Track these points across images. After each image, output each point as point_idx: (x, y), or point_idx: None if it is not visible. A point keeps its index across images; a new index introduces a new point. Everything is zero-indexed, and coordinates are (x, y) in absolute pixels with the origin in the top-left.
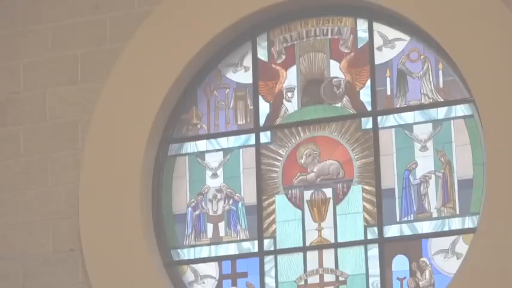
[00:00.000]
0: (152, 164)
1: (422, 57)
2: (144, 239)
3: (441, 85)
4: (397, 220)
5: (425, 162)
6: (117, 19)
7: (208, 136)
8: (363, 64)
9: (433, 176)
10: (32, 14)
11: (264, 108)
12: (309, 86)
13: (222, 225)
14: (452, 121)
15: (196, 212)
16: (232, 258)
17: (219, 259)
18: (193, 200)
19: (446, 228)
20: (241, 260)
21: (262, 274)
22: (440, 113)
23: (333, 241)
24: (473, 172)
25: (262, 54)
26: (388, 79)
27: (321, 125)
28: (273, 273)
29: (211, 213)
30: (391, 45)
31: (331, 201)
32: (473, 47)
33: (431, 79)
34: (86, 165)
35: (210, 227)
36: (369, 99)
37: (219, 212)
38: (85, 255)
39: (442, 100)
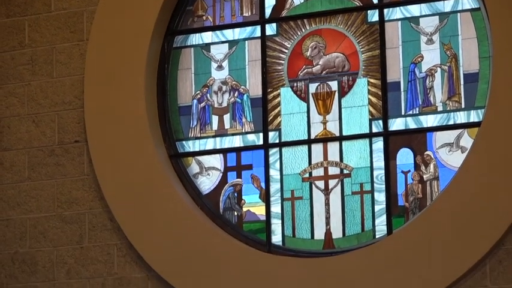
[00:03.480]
0: (157, 56)
1: None
2: (149, 131)
3: None
4: (402, 113)
5: (431, 56)
6: None
7: (214, 28)
8: None
9: (438, 69)
10: None
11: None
12: None
13: (227, 118)
14: (459, 14)
15: (202, 104)
16: (237, 150)
17: (224, 151)
18: (198, 92)
19: (451, 122)
20: (246, 152)
21: (267, 166)
22: (447, 5)
23: (337, 134)
24: (479, 65)
25: None
26: None
27: (326, 18)
28: (277, 165)
29: (216, 105)
30: None
31: (336, 94)
32: None
33: None
34: (91, 57)
35: (215, 119)
36: None
37: (224, 104)
38: (90, 147)
39: None
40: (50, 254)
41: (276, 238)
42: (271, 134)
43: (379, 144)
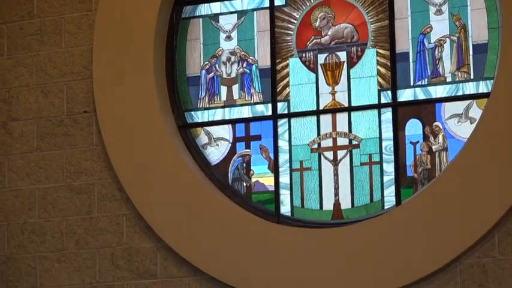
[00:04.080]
0: (166, 26)
1: None
2: (157, 102)
3: None
4: (411, 84)
5: (440, 26)
6: None
7: None
8: None
9: (447, 40)
10: None
11: None
12: None
13: (235, 88)
14: None
15: (210, 75)
16: (246, 121)
17: (232, 122)
18: (207, 62)
19: (460, 93)
20: (254, 123)
21: (275, 137)
22: None
23: (346, 105)
24: (488, 36)
25: None
26: None
27: None
28: (286, 136)
29: (225, 75)
30: None
31: (345, 64)
32: None
33: None
34: (100, 27)
35: (223, 89)
36: None
37: (233, 75)
38: (99, 118)
39: None
40: (59, 224)
41: (285, 209)
42: (279, 105)
43: (387, 115)
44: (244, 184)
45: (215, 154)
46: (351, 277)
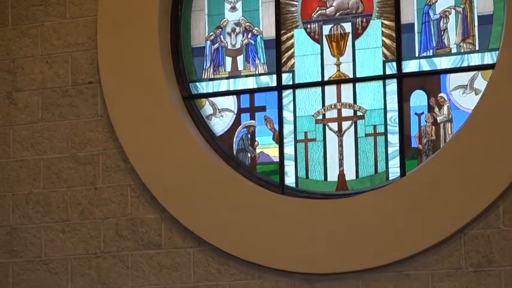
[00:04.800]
0: None
1: None
2: (162, 72)
3: None
4: (416, 55)
5: None
6: None
7: None
8: None
9: (453, 11)
10: None
11: None
12: None
13: (240, 59)
14: None
15: (215, 46)
16: (251, 92)
17: (237, 93)
18: (211, 33)
19: (465, 64)
20: (259, 94)
21: (280, 108)
22: None
23: (351, 76)
24: (493, 7)
25: None
26: None
27: None
28: (291, 107)
29: (229, 46)
30: None
31: (350, 35)
32: None
33: None
34: None
35: (228, 60)
36: None
37: (238, 46)
38: (104, 88)
39: None
40: (64, 195)
41: (289, 180)
42: (284, 76)
43: (392, 86)
44: (249, 155)
45: (220, 125)
46: (355, 248)
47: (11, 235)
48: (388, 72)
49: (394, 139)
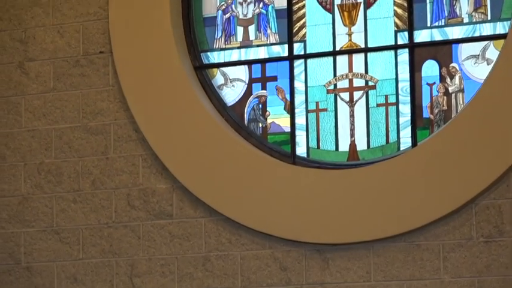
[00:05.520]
0: None
1: None
2: (174, 42)
3: None
4: (428, 25)
5: None
6: None
7: None
8: None
9: None
10: None
11: None
12: None
13: (252, 29)
14: None
15: (227, 15)
16: (262, 61)
17: (248, 63)
18: (223, 2)
19: (477, 34)
20: (271, 64)
21: (291, 78)
22: None
23: (363, 46)
24: None
25: None
26: None
27: None
28: (302, 77)
29: (241, 16)
30: None
31: (361, 5)
32: None
33: None
34: None
35: (240, 30)
36: None
37: (249, 15)
38: (115, 58)
39: None
40: (75, 165)
41: (301, 150)
42: (296, 46)
43: (404, 56)
44: (260, 125)
45: (231, 95)
46: (366, 218)
47: (23, 205)
48: (399, 42)
49: (405, 109)
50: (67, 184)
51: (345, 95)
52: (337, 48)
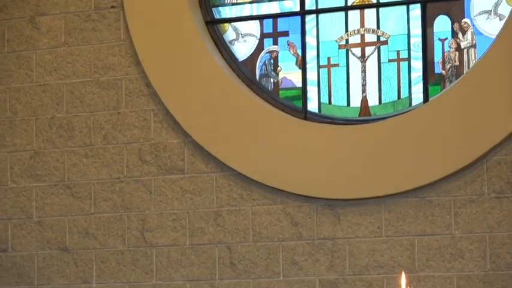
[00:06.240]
0: None
1: None
2: None
3: None
4: None
5: None
6: None
7: None
8: None
9: None
10: None
11: None
12: None
13: None
14: None
15: None
16: (274, 16)
17: (260, 17)
18: None
19: None
20: (282, 19)
21: (303, 33)
22: None
23: (375, 1)
24: None
25: None
26: None
27: None
28: (314, 32)
29: None
30: None
31: None
32: None
33: None
34: None
35: None
36: None
37: None
38: (127, 13)
39: None
40: (87, 119)
41: (312, 105)
42: (307, 1)
43: (416, 11)
44: (272, 80)
45: (242, 50)
46: (377, 173)
47: (35, 159)
48: None
49: (417, 65)
50: (79, 139)
51: (357, 51)
52: (349, 3)
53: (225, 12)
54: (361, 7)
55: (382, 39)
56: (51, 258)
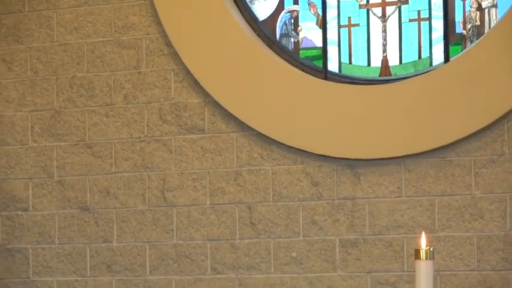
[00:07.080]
0: None
1: None
2: None
3: None
4: None
5: None
6: None
7: None
8: None
9: None
10: None
11: None
12: None
13: None
14: None
15: None
16: None
17: None
18: None
19: None
20: None
21: None
22: None
23: None
24: None
25: None
26: None
27: None
28: None
29: None
30: None
31: None
32: None
33: None
34: None
35: None
36: None
37: None
38: None
39: None
40: (108, 79)
41: (333, 65)
42: None
43: None
44: (292, 40)
45: (263, 9)
46: (397, 133)
47: (55, 119)
48: None
49: (438, 24)
50: (99, 98)
51: (377, 10)
52: None
53: None
54: None
55: None
56: (71, 217)
